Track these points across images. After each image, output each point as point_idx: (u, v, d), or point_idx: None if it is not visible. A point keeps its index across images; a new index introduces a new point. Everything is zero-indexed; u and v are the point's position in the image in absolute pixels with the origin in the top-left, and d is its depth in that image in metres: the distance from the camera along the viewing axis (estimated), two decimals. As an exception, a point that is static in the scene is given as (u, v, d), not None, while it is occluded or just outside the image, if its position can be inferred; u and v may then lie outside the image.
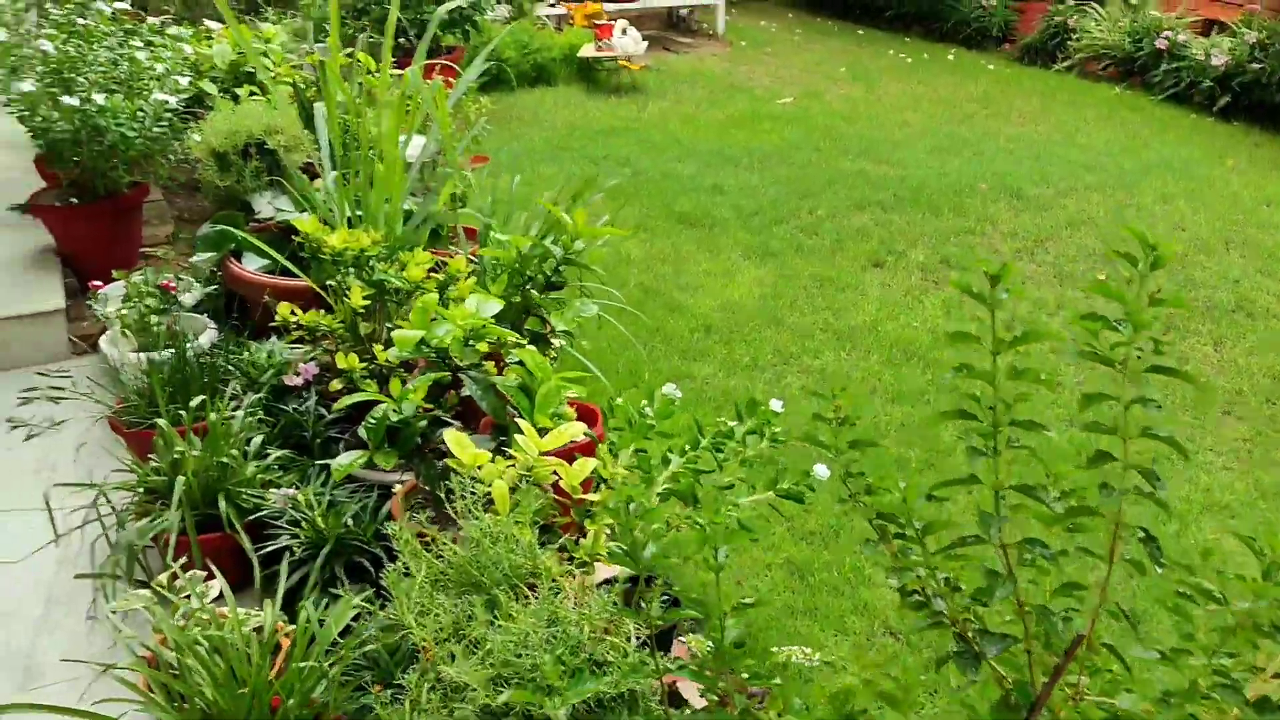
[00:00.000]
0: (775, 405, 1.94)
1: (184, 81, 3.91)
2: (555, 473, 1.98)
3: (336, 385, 2.57)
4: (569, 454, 2.06)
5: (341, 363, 2.56)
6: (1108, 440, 1.24)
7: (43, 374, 3.58)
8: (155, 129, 3.76)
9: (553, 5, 9.51)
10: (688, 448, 1.86)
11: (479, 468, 1.95)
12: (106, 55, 3.76)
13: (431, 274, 2.76)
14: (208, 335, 3.39)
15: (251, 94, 4.43)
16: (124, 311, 3.26)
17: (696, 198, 5.67)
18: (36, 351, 3.76)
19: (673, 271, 4.80)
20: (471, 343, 2.21)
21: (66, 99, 3.58)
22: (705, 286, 4.65)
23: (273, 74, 4.55)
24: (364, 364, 2.59)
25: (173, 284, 3.44)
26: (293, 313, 2.76)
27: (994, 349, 1.25)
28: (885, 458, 3.34)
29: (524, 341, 2.30)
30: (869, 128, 7.10)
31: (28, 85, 3.58)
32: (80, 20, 3.83)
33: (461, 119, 4.46)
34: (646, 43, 8.11)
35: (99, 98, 3.60)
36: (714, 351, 4.10)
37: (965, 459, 1.29)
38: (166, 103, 3.71)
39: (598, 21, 8.16)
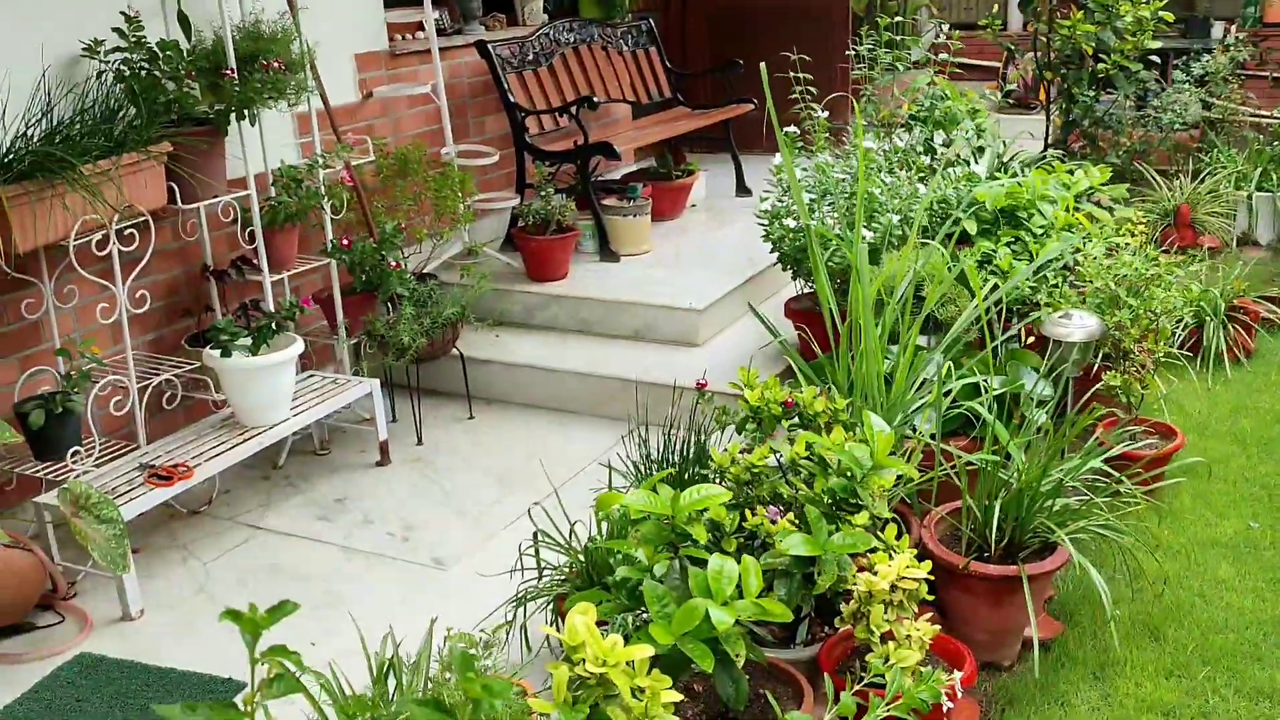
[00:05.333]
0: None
1: (895, 220, 4.09)
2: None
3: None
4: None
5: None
6: None
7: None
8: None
9: None
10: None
11: None
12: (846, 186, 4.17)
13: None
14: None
15: (1011, 242, 4.38)
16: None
17: None
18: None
19: None
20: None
21: (789, 220, 4.10)
22: None
23: (1045, 224, 4.43)
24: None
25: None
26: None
27: None
28: None
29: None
30: None
31: (765, 204, 4.20)
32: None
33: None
34: None
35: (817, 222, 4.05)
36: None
37: None
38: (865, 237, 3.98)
39: None
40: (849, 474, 2.39)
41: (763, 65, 3.35)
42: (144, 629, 3.36)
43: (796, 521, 2.33)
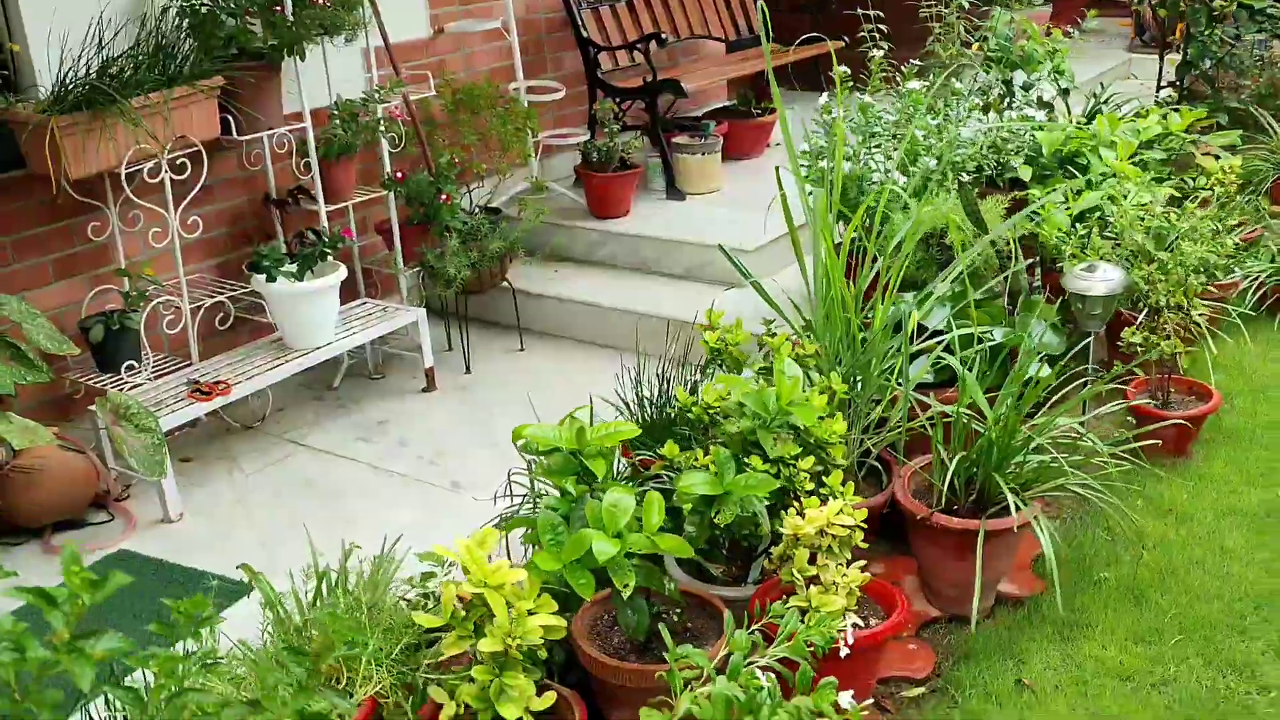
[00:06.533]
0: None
1: (930, 165, 3.99)
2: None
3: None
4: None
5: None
6: None
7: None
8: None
9: None
10: None
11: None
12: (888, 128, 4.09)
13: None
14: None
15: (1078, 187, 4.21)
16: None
17: None
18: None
19: None
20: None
21: (825, 161, 4.05)
22: None
23: (1104, 170, 4.24)
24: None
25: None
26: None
27: None
28: None
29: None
30: None
31: (803, 145, 4.15)
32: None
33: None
34: None
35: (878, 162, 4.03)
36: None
37: None
38: (897, 180, 3.90)
39: None
40: (760, 418, 2.40)
41: (761, 3, 3.31)
42: (181, 531, 3.64)
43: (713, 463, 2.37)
